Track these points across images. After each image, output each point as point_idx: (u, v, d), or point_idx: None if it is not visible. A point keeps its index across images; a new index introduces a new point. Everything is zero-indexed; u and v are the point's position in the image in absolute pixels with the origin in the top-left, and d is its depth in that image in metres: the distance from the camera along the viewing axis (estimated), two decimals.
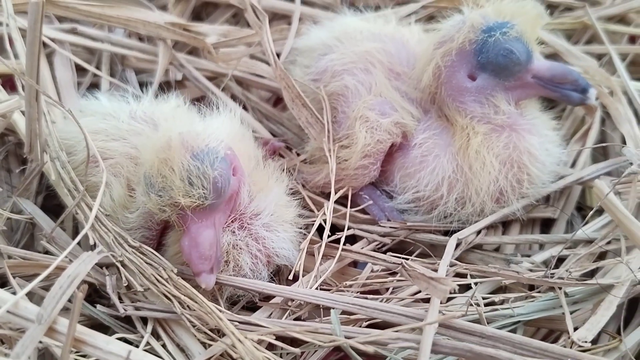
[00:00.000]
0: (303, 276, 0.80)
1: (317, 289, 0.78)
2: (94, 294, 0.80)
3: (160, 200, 0.70)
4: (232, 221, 0.77)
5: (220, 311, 0.72)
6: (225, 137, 0.75)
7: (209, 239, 0.71)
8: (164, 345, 0.71)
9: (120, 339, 0.68)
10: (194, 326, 0.71)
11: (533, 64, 0.85)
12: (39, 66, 0.74)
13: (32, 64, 0.74)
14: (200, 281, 0.70)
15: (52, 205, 0.89)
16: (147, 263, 0.74)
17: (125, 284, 0.73)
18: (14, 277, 0.73)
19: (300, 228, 0.83)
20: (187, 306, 0.72)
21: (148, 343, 0.71)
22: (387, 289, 0.82)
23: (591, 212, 0.79)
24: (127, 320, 0.77)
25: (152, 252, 0.76)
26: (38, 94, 0.76)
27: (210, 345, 0.70)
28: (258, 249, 0.77)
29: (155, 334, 0.73)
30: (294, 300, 0.76)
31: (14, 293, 0.69)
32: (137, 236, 0.77)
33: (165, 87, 1.05)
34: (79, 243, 0.78)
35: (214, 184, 0.70)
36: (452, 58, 0.86)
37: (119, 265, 0.74)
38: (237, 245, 0.76)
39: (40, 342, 0.61)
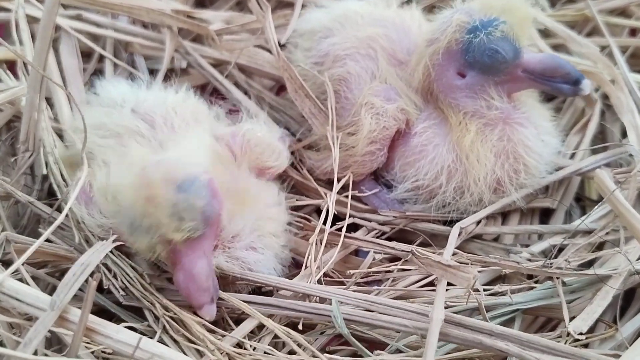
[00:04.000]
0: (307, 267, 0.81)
1: (320, 278, 0.79)
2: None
3: (149, 239, 0.68)
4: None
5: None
6: (202, 159, 0.73)
7: (204, 270, 0.69)
8: (174, 340, 0.71)
9: (126, 327, 0.68)
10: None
11: (522, 59, 0.84)
12: (48, 53, 0.75)
13: (42, 50, 0.75)
14: (204, 314, 0.70)
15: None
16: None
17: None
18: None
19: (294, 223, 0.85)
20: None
21: (160, 337, 0.71)
22: (389, 278, 0.84)
23: (597, 207, 0.81)
24: (132, 309, 0.78)
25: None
26: (43, 81, 0.77)
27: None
28: (239, 267, 0.76)
29: (164, 328, 0.73)
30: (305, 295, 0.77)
31: (21, 279, 0.71)
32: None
33: (170, 74, 1.06)
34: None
35: (202, 214, 0.67)
36: (439, 57, 0.86)
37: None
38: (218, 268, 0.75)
39: (50, 331, 0.62)
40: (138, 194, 0.66)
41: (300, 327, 0.74)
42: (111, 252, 0.74)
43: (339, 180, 0.89)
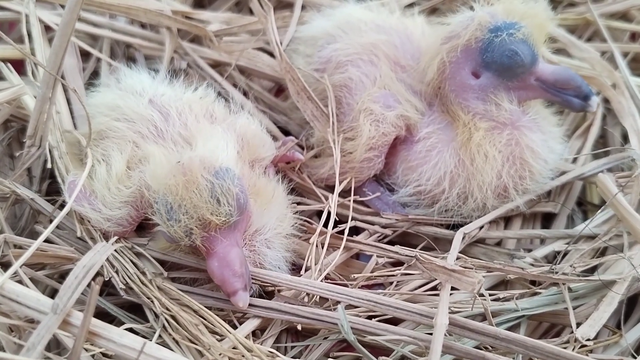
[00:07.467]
0: (307, 268, 0.80)
1: (321, 281, 0.78)
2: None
3: (186, 223, 0.69)
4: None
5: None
6: (231, 156, 0.76)
7: (238, 257, 0.70)
8: (174, 340, 0.71)
9: (127, 329, 0.67)
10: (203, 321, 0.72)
11: (537, 67, 0.85)
12: (63, 57, 0.75)
13: (58, 54, 0.75)
14: (237, 300, 0.70)
15: (55, 191, 0.88)
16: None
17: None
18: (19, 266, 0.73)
19: (297, 224, 0.84)
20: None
21: (160, 336, 0.70)
22: (392, 283, 0.83)
23: (599, 211, 0.80)
24: (133, 311, 0.78)
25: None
26: (56, 83, 0.77)
27: (220, 340, 0.71)
28: (254, 262, 0.77)
29: (164, 328, 0.72)
30: (308, 294, 0.77)
31: (20, 281, 0.70)
32: (122, 214, 0.77)
33: (168, 75, 1.04)
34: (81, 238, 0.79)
35: (237, 201, 0.70)
36: (457, 54, 0.86)
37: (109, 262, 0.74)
38: None
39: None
40: (176, 181, 0.69)
41: (299, 327, 0.74)
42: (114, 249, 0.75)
43: (340, 183, 0.88)
